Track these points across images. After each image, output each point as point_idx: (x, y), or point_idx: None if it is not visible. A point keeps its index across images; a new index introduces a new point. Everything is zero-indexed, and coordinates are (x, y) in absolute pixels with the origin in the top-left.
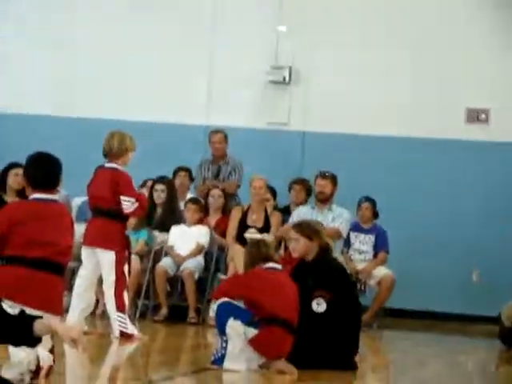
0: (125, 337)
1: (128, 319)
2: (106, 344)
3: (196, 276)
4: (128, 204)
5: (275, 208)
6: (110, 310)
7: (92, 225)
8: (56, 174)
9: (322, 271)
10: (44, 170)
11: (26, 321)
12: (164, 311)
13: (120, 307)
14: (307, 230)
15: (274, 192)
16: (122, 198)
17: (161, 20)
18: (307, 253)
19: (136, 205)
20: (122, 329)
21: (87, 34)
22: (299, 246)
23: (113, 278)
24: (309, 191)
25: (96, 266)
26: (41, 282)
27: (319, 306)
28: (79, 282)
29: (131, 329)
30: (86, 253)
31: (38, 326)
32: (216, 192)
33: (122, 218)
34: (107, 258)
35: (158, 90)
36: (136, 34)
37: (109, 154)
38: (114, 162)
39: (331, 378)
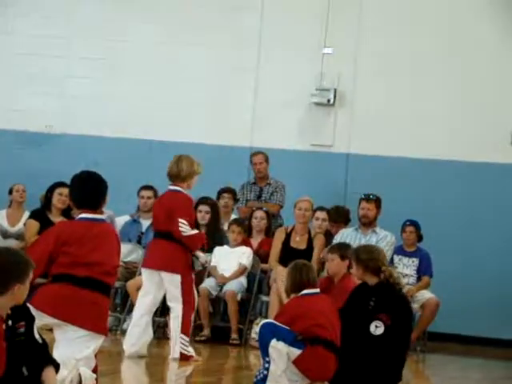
0: (183, 358)
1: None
2: (155, 364)
3: (238, 297)
4: (185, 228)
5: (326, 231)
6: (173, 331)
7: (155, 247)
8: (101, 193)
9: (384, 295)
10: (89, 189)
11: (44, 356)
12: (206, 332)
13: (184, 329)
14: (363, 254)
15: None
16: (180, 220)
17: (207, 42)
18: (360, 278)
19: (193, 232)
20: (183, 351)
21: (137, 56)
22: (353, 271)
23: (180, 300)
24: (345, 217)
25: (158, 287)
26: (85, 301)
27: (377, 328)
28: (142, 310)
29: (191, 350)
30: (147, 274)
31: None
32: (259, 214)
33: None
34: (173, 280)
35: (203, 111)
36: (184, 57)
37: (175, 177)
38: (179, 185)
39: None
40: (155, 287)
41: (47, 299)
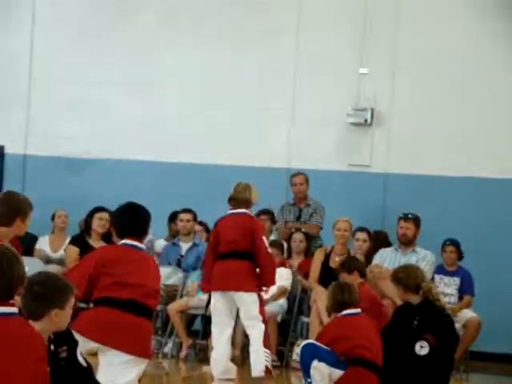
0: (267, 372)
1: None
2: None
3: (279, 319)
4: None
5: (368, 251)
6: (256, 348)
7: (229, 267)
8: (145, 224)
9: (428, 315)
10: (134, 220)
11: (89, 380)
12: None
13: (266, 344)
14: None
15: (369, 234)
16: (263, 238)
17: (244, 65)
18: (402, 299)
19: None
20: (267, 363)
21: (175, 80)
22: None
23: (261, 318)
24: (385, 242)
25: (232, 309)
26: (128, 324)
27: (422, 348)
28: (220, 338)
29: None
30: (218, 297)
31: None
32: (298, 236)
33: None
34: (250, 299)
35: (239, 133)
36: (221, 79)
37: (243, 203)
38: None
39: None
40: (230, 307)
41: (89, 323)
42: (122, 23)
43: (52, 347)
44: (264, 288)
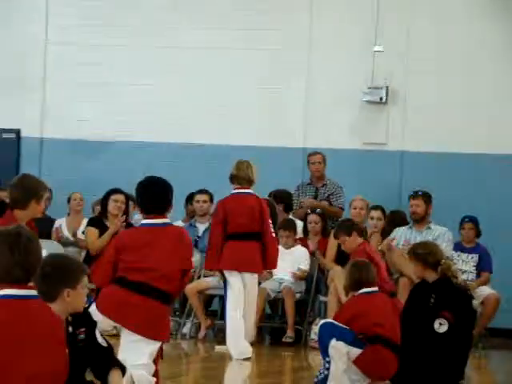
0: None
1: None
2: (214, 368)
3: (297, 296)
4: (272, 229)
5: (382, 229)
6: (250, 328)
7: (245, 249)
8: (167, 198)
9: (444, 292)
10: (155, 194)
11: (109, 359)
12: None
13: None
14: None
15: (383, 211)
16: (270, 221)
17: (258, 44)
18: (420, 276)
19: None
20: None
21: (188, 61)
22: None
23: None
24: (403, 221)
25: (243, 288)
26: (138, 305)
27: (441, 326)
28: (237, 313)
29: None
30: (232, 275)
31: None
32: (313, 218)
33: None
34: (255, 280)
35: (255, 113)
36: (234, 59)
37: (246, 181)
38: (248, 189)
39: None
40: (242, 286)
41: (103, 300)
42: (135, 5)
43: (70, 329)
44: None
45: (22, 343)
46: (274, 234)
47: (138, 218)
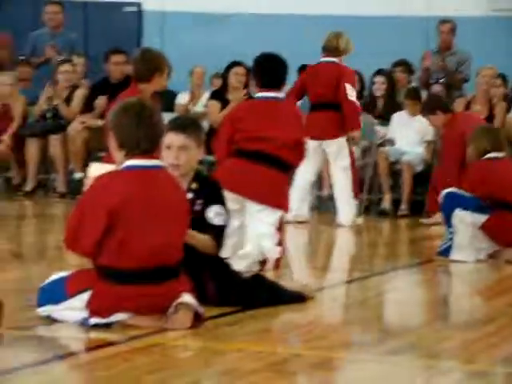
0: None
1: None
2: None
3: (418, 169)
4: (352, 92)
5: (505, 97)
6: (341, 196)
7: (320, 117)
8: (281, 74)
9: None
10: (270, 70)
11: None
12: (387, 202)
13: (356, 193)
14: None
15: (504, 80)
16: (347, 85)
17: None
18: None
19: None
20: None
21: None
22: None
23: (346, 163)
24: None
25: (321, 160)
26: (257, 175)
27: None
28: (304, 180)
29: None
30: (312, 145)
31: None
32: (436, 88)
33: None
34: (338, 144)
35: None
36: None
37: (334, 52)
38: (337, 59)
39: None
40: (317, 160)
41: (223, 173)
42: None
43: (190, 195)
44: (350, 134)
45: (153, 212)
46: (350, 98)
47: None
